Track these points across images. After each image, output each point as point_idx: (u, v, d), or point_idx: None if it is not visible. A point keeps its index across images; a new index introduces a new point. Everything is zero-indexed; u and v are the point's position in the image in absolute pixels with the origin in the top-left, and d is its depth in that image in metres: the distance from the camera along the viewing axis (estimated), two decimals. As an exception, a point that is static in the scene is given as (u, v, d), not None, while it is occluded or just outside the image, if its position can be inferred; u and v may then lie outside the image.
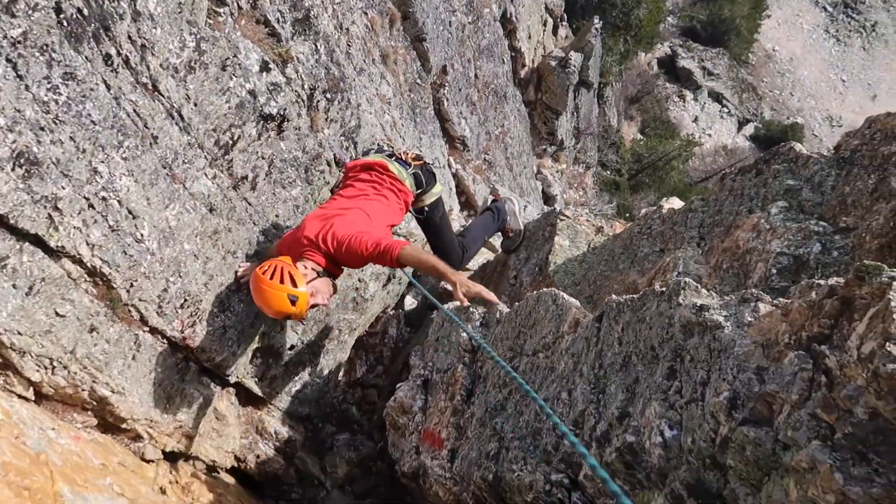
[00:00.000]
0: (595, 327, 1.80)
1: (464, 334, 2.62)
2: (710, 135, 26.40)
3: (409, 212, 4.00)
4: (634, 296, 1.67)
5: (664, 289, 1.53)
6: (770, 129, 26.57)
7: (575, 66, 13.57)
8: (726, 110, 27.04)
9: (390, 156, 3.90)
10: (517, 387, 2.14)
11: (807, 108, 28.41)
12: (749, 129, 27.26)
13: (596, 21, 14.25)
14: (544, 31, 14.55)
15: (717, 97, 27.01)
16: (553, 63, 13.56)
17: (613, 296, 1.77)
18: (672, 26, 27.56)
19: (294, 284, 3.23)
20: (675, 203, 3.00)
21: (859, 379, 0.98)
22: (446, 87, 8.72)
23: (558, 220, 3.64)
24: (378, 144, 4.47)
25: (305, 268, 3.39)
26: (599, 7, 17.09)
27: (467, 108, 9.41)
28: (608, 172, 19.87)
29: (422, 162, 3.95)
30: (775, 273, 1.83)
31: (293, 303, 3.28)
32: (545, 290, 2.23)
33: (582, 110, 15.75)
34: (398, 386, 3.31)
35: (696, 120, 26.37)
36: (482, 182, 9.80)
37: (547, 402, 1.87)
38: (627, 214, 19.07)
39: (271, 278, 3.24)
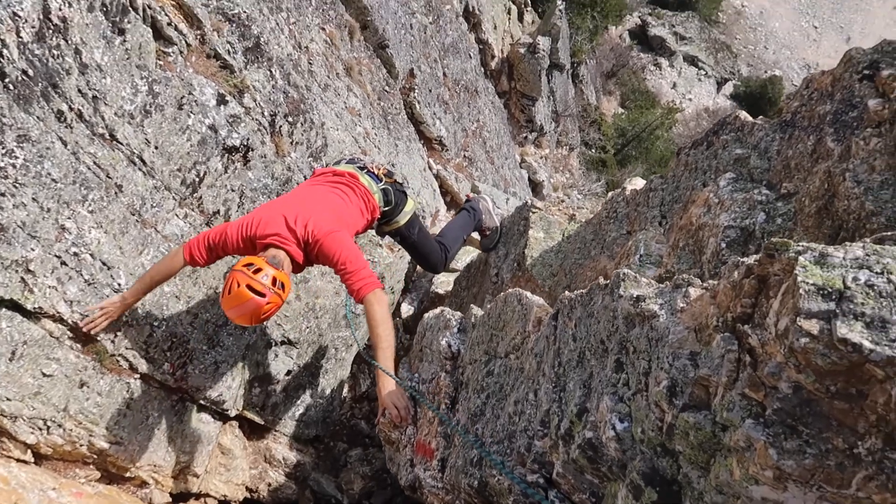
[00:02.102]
0: (552, 325, 1.81)
1: (443, 342, 2.64)
2: (690, 99, 26.36)
3: (371, 227, 3.81)
4: (583, 291, 1.69)
5: (607, 282, 1.54)
6: (749, 86, 26.54)
7: (544, 51, 13.56)
8: (703, 72, 27.00)
9: (361, 168, 3.81)
10: (494, 391, 2.16)
11: (783, 59, 28.37)
12: (728, 87, 27.23)
13: (559, 3, 14.22)
14: (509, 19, 14.53)
15: (692, 60, 26.96)
16: (522, 50, 13.54)
17: (566, 292, 1.78)
18: (638, -4, 27.51)
19: (284, 290, 2.95)
20: (639, 183, 3.01)
21: (778, 355, 1.00)
22: (416, 91, 8.71)
23: (531, 213, 3.66)
24: (351, 156, 4.39)
25: (284, 268, 3.03)
26: (562, -12, 17.09)
27: (440, 108, 9.41)
28: (593, 151, 19.86)
29: (392, 179, 3.86)
30: (725, 247, 1.84)
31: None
32: (511, 290, 2.25)
33: (557, 93, 15.73)
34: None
35: (674, 86, 26.33)
36: (465, 179, 9.81)
37: (518, 405, 1.89)
38: (628, 179, 19.03)
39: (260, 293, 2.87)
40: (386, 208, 3.73)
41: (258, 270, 2.87)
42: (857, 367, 0.93)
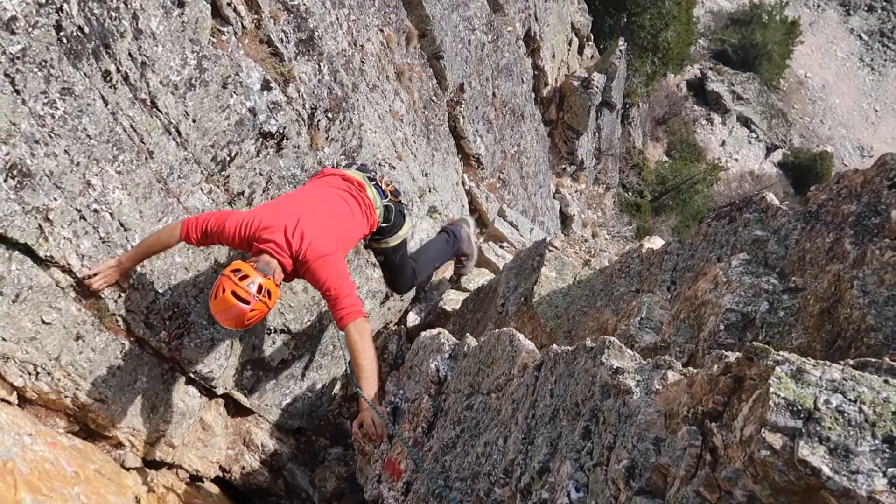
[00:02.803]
0: (534, 376, 1.80)
1: (433, 365, 2.64)
2: (737, 159, 26.10)
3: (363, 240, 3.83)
4: (569, 348, 1.68)
5: (593, 345, 1.53)
6: (798, 157, 26.20)
7: (597, 87, 13.54)
8: (754, 135, 26.72)
9: (371, 179, 3.79)
10: (469, 426, 2.15)
11: (837, 137, 27.96)
12: (777, 155, 26.89)
13: (621, 43, 14.20)
14: (569, 50, 14.55)
15: (745, 122, 26.71)
16: (576, 83, 13.54)
17: (554, 346, 1.77)
18: (703, 49, 27.36)
19: (270, 298, 2.96)
20: (656, 243, 2.99)
21: (738, 462, 0.98)
22: (462, 105, 8.74)
23: (547, 251, 3.64)
24: (363, 163, 4.38)
25: (274, 277, 3.03)
26: (627, 28, 17.07)
27: (483, 126, 9.44)
28: (629, 194, 19.75)
29: (397, 199, 3.84)
30: (723, 329, 1.82)
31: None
32: (506, 329, 2.24)
33: (604, 131, 15.69)
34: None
35: (723, 144, 26.10)
36: (495, 200, 9.81)
37: (487, 446, 1.88)
38: (647, 237, 18.95)
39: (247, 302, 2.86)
40: (384, 225, 3.74)
41: (245, 277, 2.89)
42: (814, 490, 0.91)
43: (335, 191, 3.54)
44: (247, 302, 2.85)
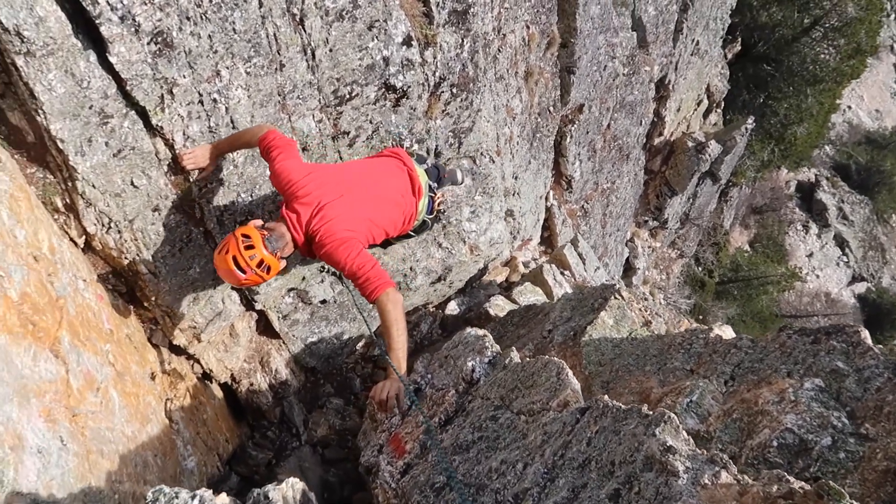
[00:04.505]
0: (576, 417, 1.77)
1: (470, 364, 2.63)
2: (818, 276, 25.12)
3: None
4: (622, 406, 1.65)
5: (649, 413, 1.49)
6: (882, 297, 25.04)
7: (710, 156, 13.21)
8: (845, 259, 25.67)
9: (431, 190, 3.79)
10: (489, 436, 2.14)
11: (929, 293, 26.60)
12: (860, 287, 25.77)
13: (749, 121, 13.81)
14: (695, 110, 14.22)
15: (841, 243, 25.66)
16: (690, 144, 13.24)
17: (606, 397, 1.74)
18: (827, 156, 26.37)
19: (268, 272, 2.98)
20: (727, 332, 2.90)
21: (772, 591, 0.95)
22: (575, 125, 8.66)
23: (613, 297, 3.59)
24: (435, 164, 4.34)
25: (281, 252, 3.05)
26: (760, 109, 16.57)
27: (586, 153, 9.33)
28: (699, 269, 19.28)
29: (436, 217, 3.88)
30: (775, 446, 1.75)
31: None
32: (556, 359, 2.21)
33: (699, 199, 15.32)
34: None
35: (810, 255, 25.16)
36: (570, 226, 9.70)
37: (503, 465, 1.87)
38: (700, 317, 18.48)
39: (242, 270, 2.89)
40: (409, 231, 3.75)
41: (250, 247, 2.89)
42: None
43: (395, 189, 3.48)
44: (243, 271, 2.88)
